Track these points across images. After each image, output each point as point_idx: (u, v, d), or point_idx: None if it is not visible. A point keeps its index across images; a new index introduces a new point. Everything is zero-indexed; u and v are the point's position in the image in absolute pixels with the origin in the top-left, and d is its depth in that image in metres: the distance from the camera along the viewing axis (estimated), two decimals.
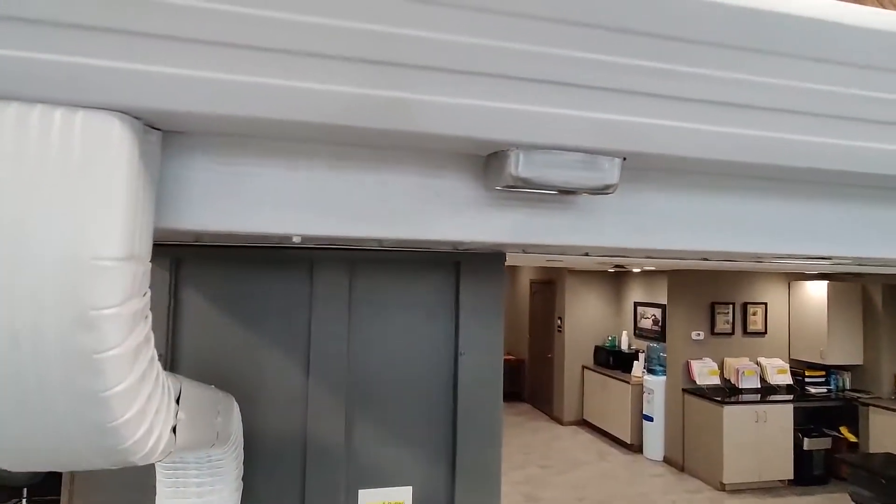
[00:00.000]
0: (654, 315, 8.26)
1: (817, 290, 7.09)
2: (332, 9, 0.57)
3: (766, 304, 7.54)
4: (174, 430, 0.83)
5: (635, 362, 8.20)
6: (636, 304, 8.74)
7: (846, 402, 6.88)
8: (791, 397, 6.95)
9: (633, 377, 8.06)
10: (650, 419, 7.67)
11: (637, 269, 7.96)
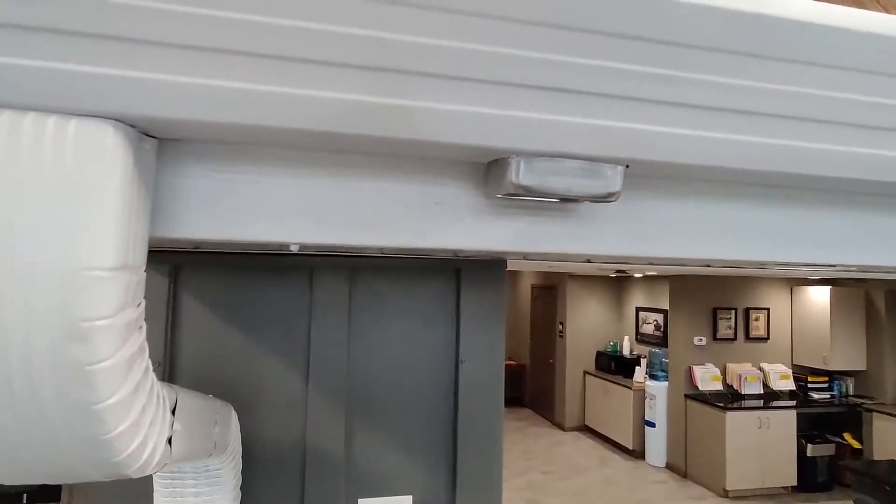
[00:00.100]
0: (655, 320, 8.23)
1: (820, 296, 7.06)
2: (330, 14, 0.56)
3: (768, 309, 7.51)
4: (169, 441, 0.81)
5: (637, 368, 8.16)
6: (638, 310, 8.71)
7: (849, 408, 6.84)
8: (794, 403, 6.91)
9: (634, 383, 8.02)
10: (652, 425, 7.63)
11: (639, 275, 7.94)
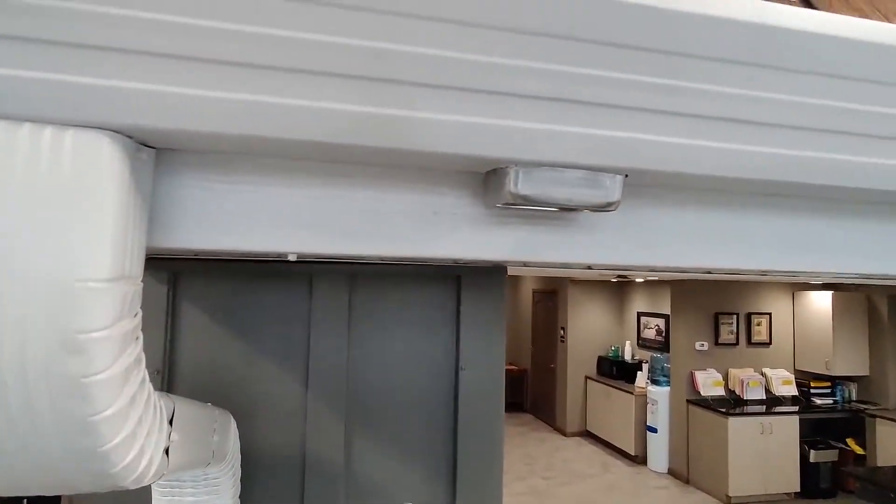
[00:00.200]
0: (657, 325, 8.21)
1: (822, 301, 7.04)
2: (327, 26, 0.56)
3: (770, 314, 7.48)
4: (167, 451, 0.81)
5: (639, 373, 8.13)
6: (639, 314, 8.69)
7: (852, 414, 6.80)
8: (797, 409, 6.88)
9: (636, 388, 7.99)
10: (654, 430, 7.59)
11: (640, 279, 7.93)
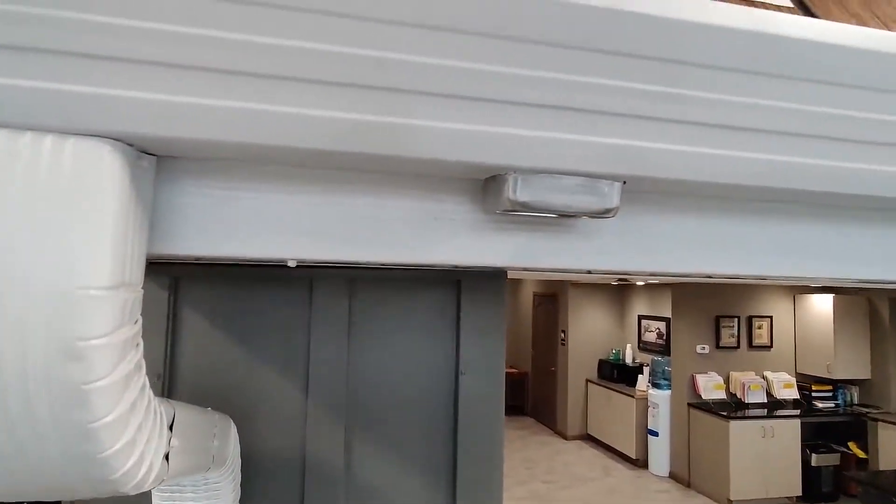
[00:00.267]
0: (658, 328, 8.20)
1: (823, 304, 7.03)
2: (327, 35, 0.56)
3: (771, 317, 7.47)
4: (167, 457, 0.81)
5: (640, 376, 8.12)
6: (640, 318, 8.68)
7: (854, 418, 6.79)
8: (798, 412, 6.86)
9: (637, 391, 7.97)
10: (655, 434, 7.58)
11: (641, 282, 7.93)
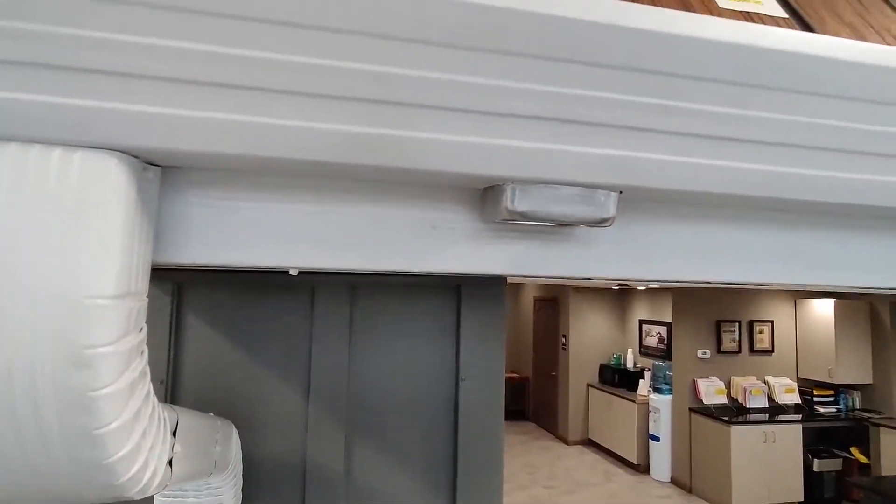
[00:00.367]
0: (659, 333, 8.20)
1: (824, 308, 7.03)
2: (327, 50, 0.58)
3: (772, 322, 7.47)
4: (170, 463, 0.82)
5: (641, 381, 8.12)
6: (641, 322, 8.68)
7: (856, 423, 6.77)
8: (800, 417, 6.85)
9: (638, 396, 7.97)
10: (656, 439, 7.57)
11: (642, 287, 7.93)
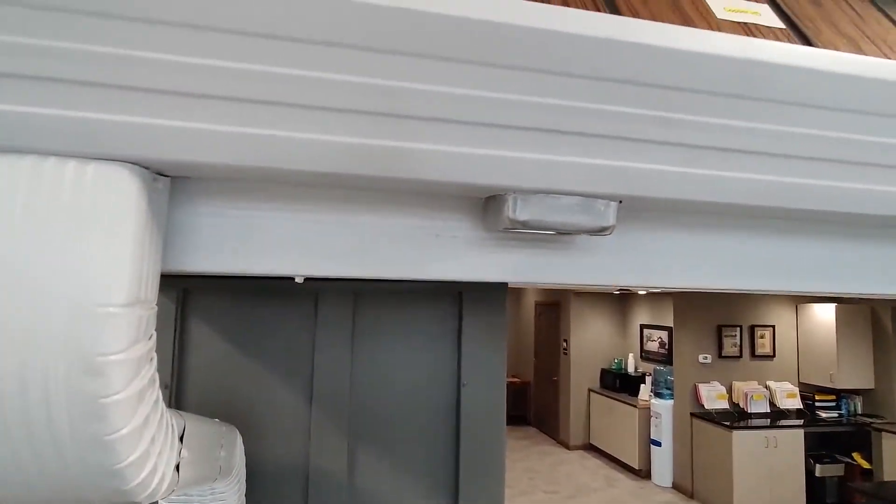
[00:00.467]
0: (660, 338, 8.19)
1: (825, 313, 7.03)
2: (334, 64, 0.59)
3: (773, 326, 7.47)
4: (177, 468, 0.83)
5: (642, 385, 8.11)
6: (642, 327, 8.68)
7: (858, 428, 6.76)
8: (801, 422, 6.84)
9: (640, 401, 7.96)
10: (658, 444, 7.55)
11: (642, 292, 7.93)
